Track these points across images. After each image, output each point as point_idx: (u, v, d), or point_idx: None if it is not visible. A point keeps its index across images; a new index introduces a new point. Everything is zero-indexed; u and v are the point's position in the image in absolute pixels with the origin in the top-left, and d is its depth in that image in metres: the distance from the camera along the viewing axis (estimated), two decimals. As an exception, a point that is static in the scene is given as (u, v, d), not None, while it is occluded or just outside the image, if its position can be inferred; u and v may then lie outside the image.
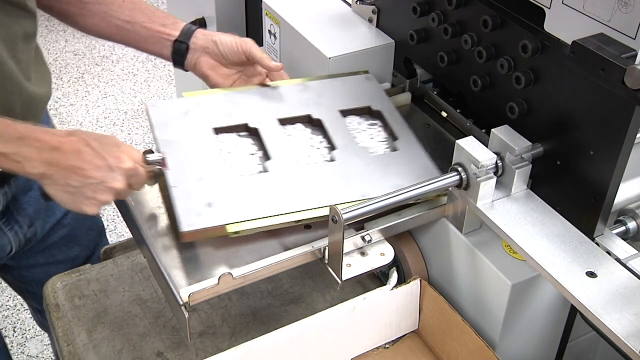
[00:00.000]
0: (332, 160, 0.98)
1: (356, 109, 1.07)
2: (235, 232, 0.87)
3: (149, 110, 1.03)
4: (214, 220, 0.88)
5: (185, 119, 1.02)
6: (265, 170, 0.95)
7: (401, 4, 1.09)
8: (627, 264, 0.79)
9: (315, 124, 1.04)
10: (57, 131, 0.87)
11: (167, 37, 1.08)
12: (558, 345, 0.97)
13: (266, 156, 0.98)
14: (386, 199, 0.85)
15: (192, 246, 0.90)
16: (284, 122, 1.03)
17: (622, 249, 0.81)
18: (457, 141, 0.87)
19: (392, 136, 1.03)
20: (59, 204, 0.86)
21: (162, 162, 0.93)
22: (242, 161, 0.97)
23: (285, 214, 0.89)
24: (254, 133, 1.01)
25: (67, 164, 0.83)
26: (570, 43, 0.74)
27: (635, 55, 0.70)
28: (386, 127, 1.04)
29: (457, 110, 1.08)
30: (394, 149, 1.00)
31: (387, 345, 0.98)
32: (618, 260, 0.80)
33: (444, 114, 1.12)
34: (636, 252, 0.81)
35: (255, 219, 0.88)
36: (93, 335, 1.00)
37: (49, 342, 2.03)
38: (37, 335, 2.06)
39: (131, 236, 0.98)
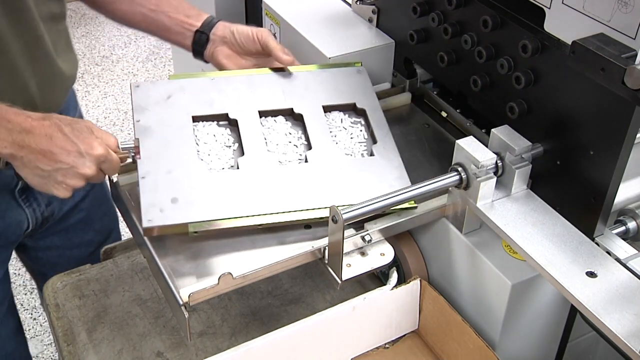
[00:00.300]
0: (305, 161, 0.96)
1: (341, 105, 1.05)
2: (195, 232, 0.88)
3: (132, 92, 1.02)
4: (174, 218, 0.88)
5: (166, 104, 1.01)
6: (236, 167, 0.95)
7: (401, 4, 1.09)
8: (627, 264, 0.79)
9: (296, 117, 1.03)
10: (32, 114, 0.87)
11: (189, 27, 1.10)
12: (558, 345, 0.97)
13: (241, 150, 0.97)
14: (386, 199, 0.85)
15: (192, 246, 0.90)
16: (265, 114, 1.02)
17: (622, 249, 0.81)
18: (457, 141, 0.87)
19: (372, 137, 1.01)
20: (30, 185, 0.88)
21: (134, 150, 0.93)
22: (216, 154, 0.96)
23: (247, 217, 0.89)
24: (233, 124, 1.00)
25: (38, 148, 0.84)
26: (570, 43, 0.74)
27: (635, 55, 0.70)
28: (368, 126, 1.03)
29: (457, 110, 1.08)
30: (370, 153, 0.99)
31: (387, 345, 0.98)
32: (618, 260, 0.80)
33: (444, 114, 1.12)
34: (636, 252, 0.81)
35: (216, 219, 0.88)
36: (93, 335, 1.00)
37: (48, 342, 2.03)
38: (37, 335, 2.06)
39: (131, 236, 0.98)
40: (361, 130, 1.03)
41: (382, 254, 0.91)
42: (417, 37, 1.06)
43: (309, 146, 0.98)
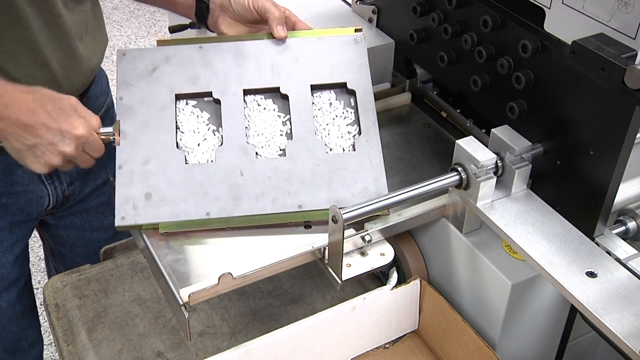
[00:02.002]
0: (283, 154, 0.94)
1: (330, 85, 1.00)
2: (166, 232, 0.88)
3: (118, 60, 0.98)
4: (145, 217, 0.88)
5: (151, 78, 0.97)
6: (214, 159, 0.93)
7: (401, 4, 1.09)
8: (627, 264, 0.79)
9: (282, 97, 0.98)
10: (18, 87, 0.88)
11: None
12: (558, 345, 0.97)
13: (221, 138, 0.94)
14: (386, 199, 0.85)
15: (192, 246, 0.90)
16: (250, 92, 0.98)
17: (622, 249, 0.81)
18: (457, 141, 0.87)
19: (357, 124, 0.97)
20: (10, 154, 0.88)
21: (114, 134, 0.91)
22: (196, 142, 0.94)
23: (216, 219, 0.89)
24: (217, 102, 0.97)
25: (19, 121, 0.85)
26: (570, 43, 0.74)
27: (635, 55, 0.70)
28: (356, 111, 0.99)
29: (457, 110, 1.08)
30: (352, 147, 0.95)
31: (387, 345, 0.98)
32: (618, 260, 0.80)
33: (444, 114, 1.12)
34: (636, 252, 0.81)
35: (185, 221, 0.88)
36: (93, 335, 1.00)
37: (48, 342, 2.02)
38: (37, 335, 2.05)
39: (131, 236, 0.98)
40: (346, 117, 0.98)
41: (382, 254, 0.91)
42: (417, 37, 1.06)
43: (290, 135, 0.95)
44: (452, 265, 0.95)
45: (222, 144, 0.93)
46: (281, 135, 0.96)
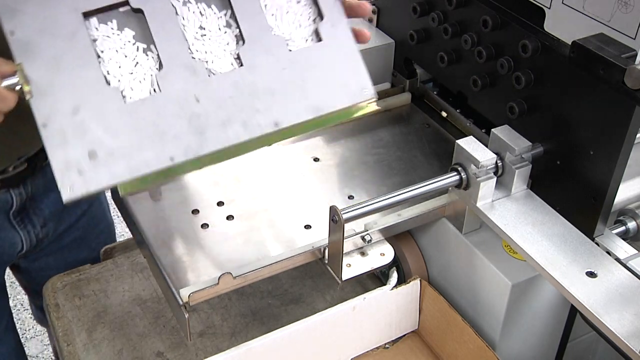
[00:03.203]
0: (239, 64, 0.75)
1: None
2: (127, 193, 0.73)
3: None
4: (99, 182, 0.69)
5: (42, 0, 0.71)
6: (157, 89, 0.72)
7: (401, 4, 1.09)
8: (627, 264, 0.79)
9: None
10: None
11: None
12: (558, 345, 0.97)
13: (158, 60, 0.73)
14: (386, 199, 0.85)
15: (192, 246, 0.90)
16: None
17: (622, 249, 0.81)
18: (457, 141, 0.87)
19: (317, 8, 0.78)
20: None
21: (20, 84, 0.68)
22: (128, 71, 0.73)
23: (184, 163, 0.71)
24: (137, 12, 0.74)
25: None
26: (570, 43, 0.74)
27: (635, 55, 0.70)
28: None
29: (457, 110, 1.08)
30: (317, 37, 0.77)
31: (387, 345, 0.98)
32: (618, 260, 0.80)
33: (444, 114, 1.12)
34: (636, 252, 0.81)
35: (149, 174, 0.71)
36: (93, 335, 1.00)
37: (49, 342, 2.03)
38: (37, 335, 2.06)
39: (131, 236, 0.98)
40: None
41: (382, 254, 0.91)
42: (417, 37, 1.06)
43: (241, 36, 0.76)
44: (452, 265, 0.95)
45: (160, 66, 0.73)
46: (229, 41, 0.76)
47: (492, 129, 0.89)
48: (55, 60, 0.70)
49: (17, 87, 0.68)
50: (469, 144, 0.87)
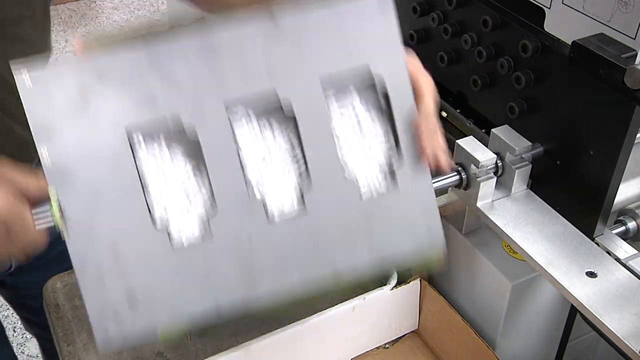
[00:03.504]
0: (301, 205, 0.66)
1: (347, 74, 0.66)
2: (167, 341, 0.70)
3: (23, 95, 0.61)
4: (136, 329, 0.65)
5: (82, 110, 0.62)
6: (210, 235, 0.65)
7: (401, 4, 1.08)
8: (627, 264, 0.79)
9: (283, 109, 0.65)
10: None
11: None
12: (558, 345, 0.97)
13: (212, 197, 0.65)
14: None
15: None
16: (234, 105, 0.64)
17: (622, 249, 0.81)
18: (457, 141, 0.87)
19: (394, 138, 0.69)
20: None
21: (53, 215, 0.62)
22: (179, 211, 0.65)
23: (229, 309, 0.68)
24: (191, 138, 0.64)
25: None
26: (570, 43, 0.74)
27: (635, 55, 0.70)
28: (390, 119, 0.68)
29: (457, 110, 1.08)
30: (393, 181, 0.68)
31: (387, 345, 0.98)
32: (618, 260, 0.80)
33: (444, 114, 1.12)
34: (636, 252, 0.81)
35: (193, 319, 0.66)
36: (93, 335, 1.00)
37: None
38: (37, 335, 2.06)
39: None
40: (376, 135, 0.69)
41: (382, 254, 0.90)
42: (417, 37, 1.06)
43: (307, 173, 0.66)
44: (452, 265, 0.95)
45: (211, 197, 0.65)
46: (297, 177, 0.67)
47: (492, 129, 0.89)
48: (95, 187, 0.62)
49: (50, 223, 0.63)
50: (469, 144, 0.87)
